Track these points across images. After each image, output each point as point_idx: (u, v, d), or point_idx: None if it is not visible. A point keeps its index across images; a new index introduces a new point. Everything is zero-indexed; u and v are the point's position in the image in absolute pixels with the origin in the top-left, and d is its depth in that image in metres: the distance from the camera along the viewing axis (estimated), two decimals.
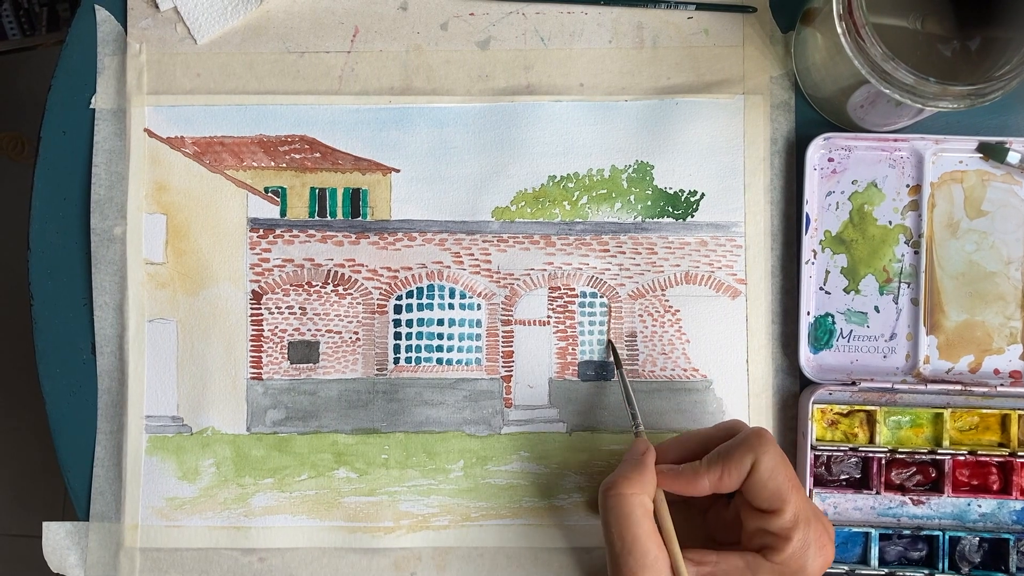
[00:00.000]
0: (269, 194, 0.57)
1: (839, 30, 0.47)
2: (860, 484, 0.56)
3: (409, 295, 0.57)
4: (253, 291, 0.57)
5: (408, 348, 0.57)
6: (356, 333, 0.57)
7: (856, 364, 0.56)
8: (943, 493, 0.55)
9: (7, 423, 1.35)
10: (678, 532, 0.48)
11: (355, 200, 0.57)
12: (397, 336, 0.57)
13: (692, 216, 0.57)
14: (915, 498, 0.56)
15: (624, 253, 0.57)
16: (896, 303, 0.56)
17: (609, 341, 0.56)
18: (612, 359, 0.56)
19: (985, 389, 0.54)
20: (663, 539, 0.47)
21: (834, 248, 0.56)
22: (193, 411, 0.57)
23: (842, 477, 0.56)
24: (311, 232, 0.57)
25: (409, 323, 0.57)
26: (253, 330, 0.57)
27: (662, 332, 0.57)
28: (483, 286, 0.57)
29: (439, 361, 0.57)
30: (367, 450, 0.57)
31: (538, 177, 0.57)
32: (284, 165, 0.57)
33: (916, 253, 0.56)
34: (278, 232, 0.57)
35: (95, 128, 0.57)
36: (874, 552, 0.55)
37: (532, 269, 0.57)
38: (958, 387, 0.54)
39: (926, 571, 0.55)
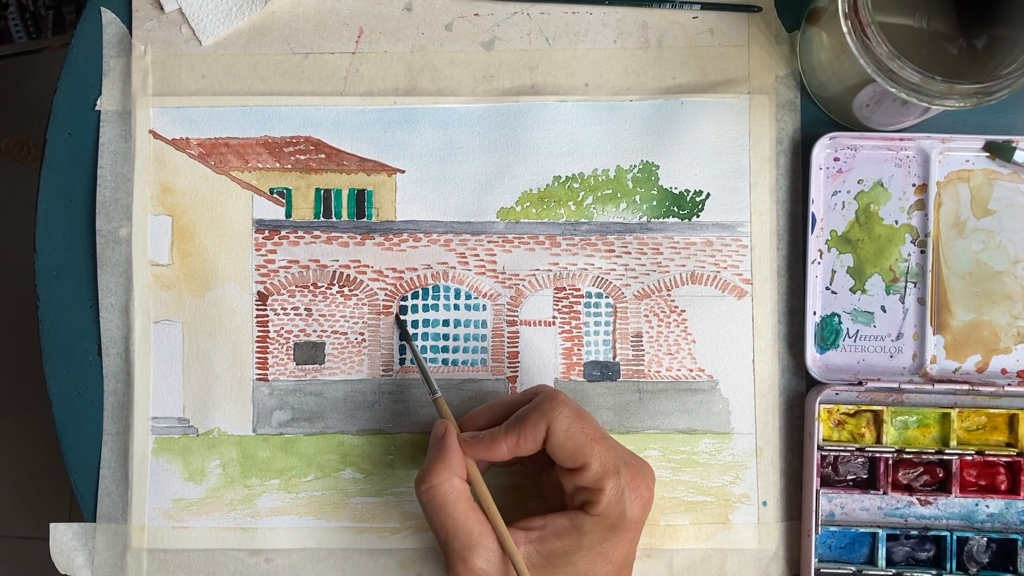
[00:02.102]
0: (274, 195, 0.57)
1: (844, 29, 0.47)
2: (867, 484, 0.56)
3: (415, 296, 0.57)
4: (259, 292, 0.57)
5: None
6: (362, 334, 0.57)
7: (863, 364, 0.56)
8: (950, 493, 0.55)
9: (13, 425, 1.36)
10: (512, 500, 0.49)
11: (360, 201, 0.57)
12: (403, 337, 0.57)
13: (697, 216, 0.57)
14: (922, 498, 0.56)
15: (629, 253, 0.57)
16: (903, 303, 0.56)
17: (396, 316, 0.56)
18: (401, 335, 0.56)
19: (992, 389, 0.54)
20: (485, 514, 0.48)
21: (840, 248, 0.56)
22: (199, 412, 0.57)
23: (849, 477, 0.56)
24: (316, 233, 0.57)
25: (415, 324, 0.57)
26: (259, 331, 0.57)
27: (668, 332, 0.57)
28: (488, 287, 0.57)
29: (445, 362, 0.57)
30: (373, 451, 0.57)
31: (543, 177, 0.57)
32: (289, 166, 0.57)
33: (922, 252, 0.56)
34: (283, 233, 0.57)
35: (100, 130, 0.58)
36: (881, 553, 0.55)
37: (537, 270, 0.57)
38: (965, 387, 0.54)
39: (934, 572, 0.55)
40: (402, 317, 0.57)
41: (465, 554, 0.47)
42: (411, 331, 0.57)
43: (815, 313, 0.56)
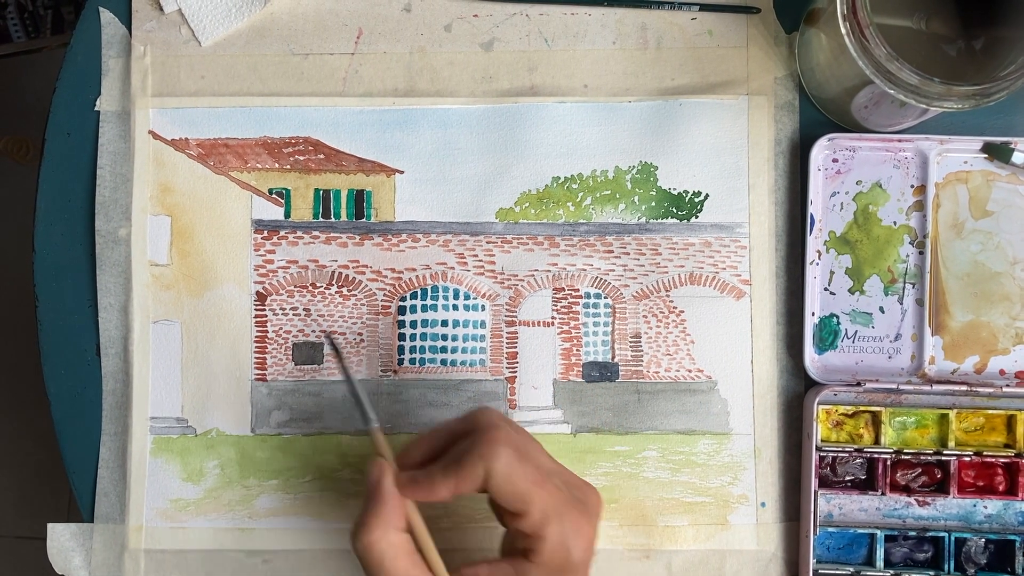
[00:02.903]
0: (273, 196, 0.57)
1: (843, 30, 0.47)
2: (865, 485, 0.56)
3: (413, 296, 0.57)
4: (257, 292, 0.57)
5: (412, 349, 0.57)
6: (360, 335, 0.57)
7: (861, 365, 0.56)
8: (949, 494, 0.55)
9: (12, 425, 1.36)
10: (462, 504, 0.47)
11: (359, 201, 0.57)
12: (401, 337, 0.57)
13: (696, 217, 0.57)
14: (920, 499, 0.56)
15: (628, 254, 0.57)
16: (901, 304, 0.56)
17: (325, 334, 0.55)
18: (333, 353, 0.54)
19: (991, 390, 0.54)
20: (427, 564, 0.45)
21: (839, 249, 0.56)
22: (198, 412, 0.57)
23: (847, 478, 0.56)
24: (315, 234, 0.57)
25: (413, 324, 0.57)
26: (257, 331, 0.57)
27: (666, 333, 0.57)
28: (487, 287, 0.57)
29: (443, 362, 0.57)
30: (371, 452, 0.57)
31: (542, 178, 0.57)
32: (288, 167, 0.57)
33: (921, 254, 0.56)
34: (282, 234, 0.57)
35: (99, 130, 0.58)
36: (879, 553, 0.55)
37: (536, 270, 0.57)
38: (963, 388, 0.54)
39: (932, 572, 0.55)
40: (333, 336, 0.56)
41: None
42: (412, 331, 0.57)
43: (813, 314, 0.56)
